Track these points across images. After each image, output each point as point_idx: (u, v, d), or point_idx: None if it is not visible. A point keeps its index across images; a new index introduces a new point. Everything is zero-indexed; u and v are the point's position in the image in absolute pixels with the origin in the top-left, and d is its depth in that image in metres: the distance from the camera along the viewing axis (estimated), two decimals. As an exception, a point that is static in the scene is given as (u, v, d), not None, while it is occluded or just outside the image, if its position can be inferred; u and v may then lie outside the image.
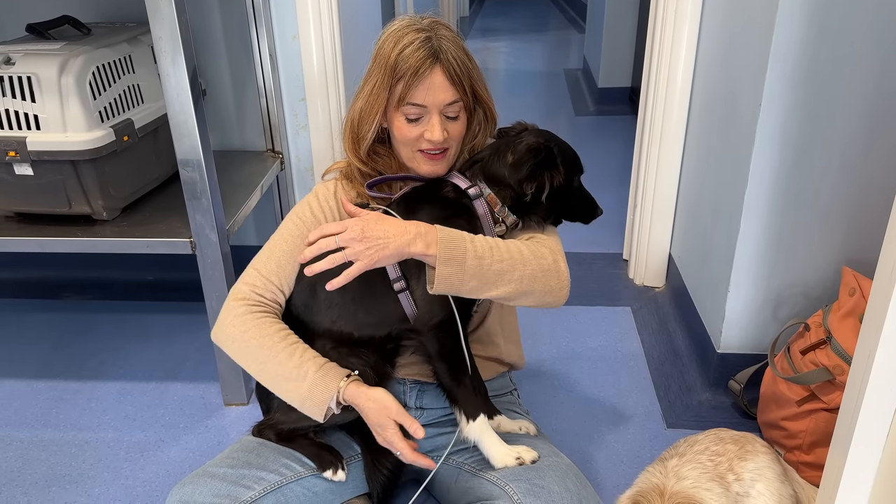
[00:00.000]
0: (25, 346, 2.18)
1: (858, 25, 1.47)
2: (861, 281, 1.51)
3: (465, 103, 1.28)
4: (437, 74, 1.23)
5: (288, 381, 1.25)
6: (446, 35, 1.26)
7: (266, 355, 1.26)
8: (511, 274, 1.20)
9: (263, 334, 1.27)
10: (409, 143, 1.30)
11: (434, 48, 1.23)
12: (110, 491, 1.63)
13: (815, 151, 1.60)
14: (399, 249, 1.16)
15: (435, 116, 1.26)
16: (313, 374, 1.23)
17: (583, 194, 1.39)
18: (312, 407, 1.23)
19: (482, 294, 1.20)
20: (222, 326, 1.32)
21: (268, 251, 1.35)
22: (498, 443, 1.28)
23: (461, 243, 1.18)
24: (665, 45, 2.14)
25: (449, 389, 1.28)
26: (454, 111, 1.27)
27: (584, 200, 1.40)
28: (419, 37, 1.24)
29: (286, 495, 1.27)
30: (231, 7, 2.11)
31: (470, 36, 7.44)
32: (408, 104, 1.25)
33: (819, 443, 1.52)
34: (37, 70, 1.64)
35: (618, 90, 4.61)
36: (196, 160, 1.62)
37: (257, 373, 1.29)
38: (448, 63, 1.24)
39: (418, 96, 1.24)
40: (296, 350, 1.26)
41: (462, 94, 1.27)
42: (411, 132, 1.28)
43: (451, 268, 1.16)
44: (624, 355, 2.09)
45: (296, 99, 2.22)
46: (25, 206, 1.81)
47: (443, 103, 1.25)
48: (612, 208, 2.97)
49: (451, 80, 1.24)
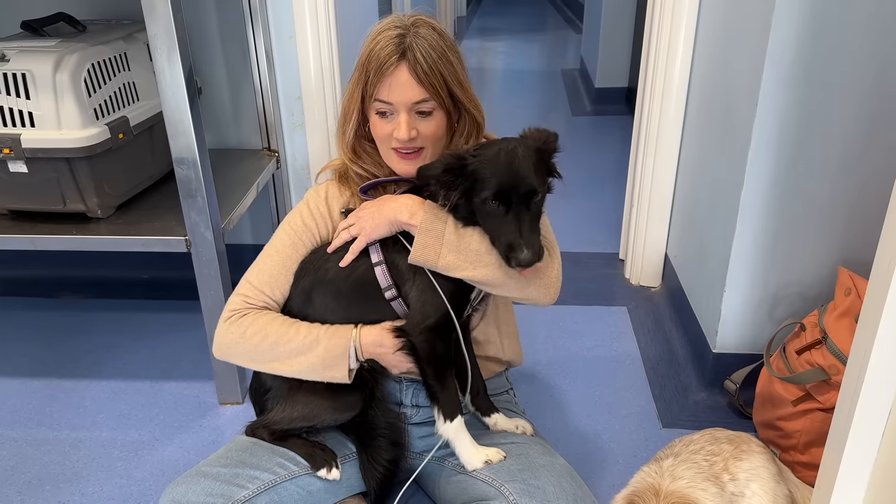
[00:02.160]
0: (19, 345, 2.17)
1: (855, 26, 1.47)
2: (857, 281, 1.51)
3: (439, 103, 1.27)
4: (402, 72, 1.23)
5: (301, 355, 1.27)
6: (424, 34, 1.24)
7: (273, 341, 1.28)
8: (489, 256, 1.20)
9: (263, 325, 1.29)
10: (382, 140, 1.31)
11: (403, 45, 1.23)
12: (104, 490, 1.62)
13: (812, 151, 1.60)
14: (389, 217, 1.24)
15: (402, 114, 1.26)
16: (324, 335, 1.27)
17: (500, 222, 1.17)
18: (334, 364, 1.26)
19: (460, 272, 1.21)
20: (220, 338, 1.33)
21: (260, 262, 1.37)
22: (470, 444, 1.30)
23: (443, 217, 1.21)
24: (662, 44, 2.14)
25: (432, 390, 1.29)
26: (427, 108, 1.26)
27: (502, 229, 1.17)
28: (393, 33, 1.24)
29: (280, 494, 1.26)
30: (227, 5, 2.11)
31: (467, 35, 7.43)
32: (375, 100, 1.26)
33: (814, 443, 1.52)
34: (31, 67, 1.64)
35: (615, 90, 4.61)
36: (191, 158, 1.61)
37: (270, 361, 1.30)
38: (414, 61, 1.22)
39: (383, 93, 1.25)
40: (298, 326, 1.29)
41: (433, 94, 1.25)
42: (383, 129, 1.29)
43: (429, 237, 1.20)
44: (620, 355, 2.08)
45: (292, 98, 2.21)
46: (20, 203, 1.80)
47: (409, 101, 1.25)
48: (608, 208, 2.99)
49: (417, 79, 1.23)
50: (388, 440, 1.39)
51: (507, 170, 1.16)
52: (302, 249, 1.35)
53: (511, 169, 1.16)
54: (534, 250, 1.14)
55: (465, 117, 1.33)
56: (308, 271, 1.33)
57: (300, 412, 1.32)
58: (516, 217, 1.16)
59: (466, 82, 1.30)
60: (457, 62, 1.27)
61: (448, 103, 1.28)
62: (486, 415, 1.42)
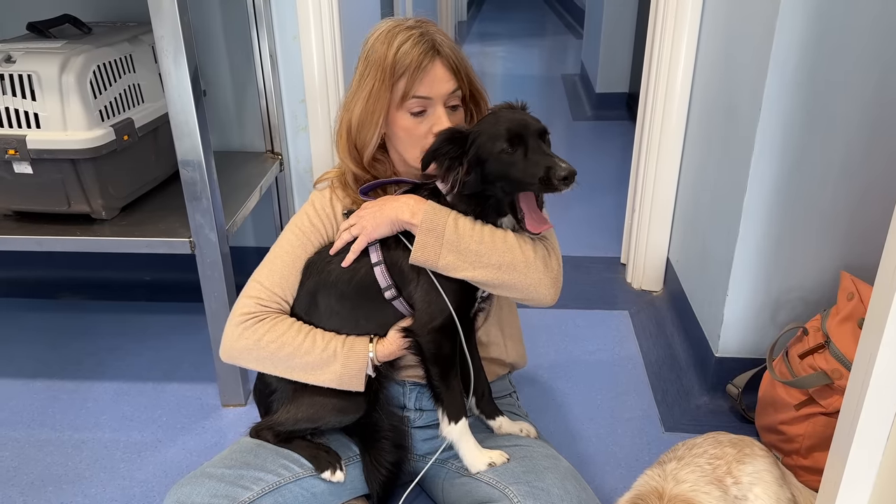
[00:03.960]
0: (22, 346, 2.17)
1: (859, 31, 1.48)
2: (859, 286, 1.51)
3: (465, 93, 1.32)
4: (438, 67, 1.27)
5: (318, 368, 1.28)
6: (436, 30, 1.30)
7: (289, 353, 1.28)
8: (489, 257, 1.21)
9: (279, 334, 1.29)
10: (416, 140, 1.29)
11: (431, 42, 1.27)
12: (107, 491, 1.62)
13: (814, 156, 1.60)
14: (391, 217, 1.25)
15: (440, 108, 1.28)
16: (342, 351, 1.27)
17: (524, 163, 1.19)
18: (351, 380, 1.28)
19: (460, 273, 1.22)
20: (231, 342, 1.33)
21: (269, 263, 1.36)
22: (474, 446, 1.30)
23: (444, 217, 1.22)
24: (665, 49, 2.14)
25: (437, 391, 1.30)
26: (455, 100, 1.30)
27: (529, 165, 1.18)
28: (413, 33, 1.26)
29: (284, 496, 1.26)
30: (231, 7, 2.11)
31: (468, 41, 7.44)
32: (413, 98, 1.27)
33: (817, 447, 1.53)
34: (37, 68, 1.64)
35: (615, 95, 4.62)
36: (196, 160, 1.62)
37: (285, 371, 1.31)
38: (447, 55, 1.28)
39: (423, 89, 1.27)
40: (315, 337, 1.29)
41: (461, 83, 1.30)
42: (418, 128, 1.29)
43: (429, 237, 1.21)
44: (622, 359, 2.09)
45: (296, 100, 2.22)
46: (24, 204, 1.80)
47: (446, 93, 1.28)
48: (609, 212, 2.99)
49: (451, 71, 1.28)
50: (391, 443, 1.39)
51: (512, 119, 1.21)
52: (310, 249, 1.36)
53: (516, 117, 1.22)
54: (569, 165, 1.16)
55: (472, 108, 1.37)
56: (312, 272, 1.34)
57: (305, 413, 1.32)
58: (538, 150, 1.18)
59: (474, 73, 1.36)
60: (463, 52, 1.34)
61: (468, 93, 1.34)
62: (491, 418, 1.42)
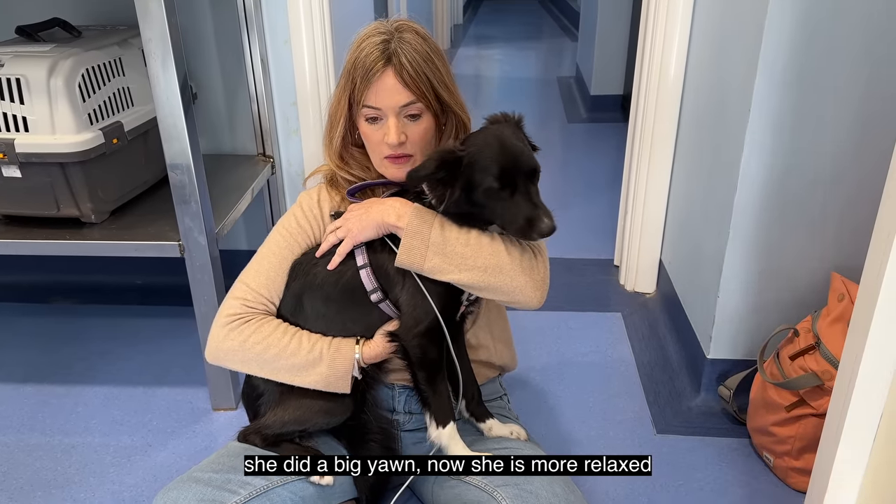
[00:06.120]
0: (12, 350, 2.16)
1: (848, 31, 1.48)
2: (850, 286, 1.51)
3: (426, 105, 1.28)
4: (388, 77, 1.24)
5: (304, 370, 1.27)
6: (409, 38, 1.26)
7: (275, 354, 1.28)
8: (475, 260, 1.20)
9: (265, 336, 1.29)
10: (375, 147, 1.31)
11: (388, 51, 1.24)
12: (96, 496, 1.62)
13: (804, 158, 1.60)
14: (377, 220, 1.24)
15: (391, 119, 1.27)
16: (328, 353, 1.27)
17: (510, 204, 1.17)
18: (337, 382, 1.27)
19: (445, 276, 1.21)
20: (217, 343, 1.32)
21: (256, 264, 1.36)
22: (462, 450, 1.30)
23: (429, 220, 1.21)
24: (656, 52, 2.15)
25: (424, 395, 1.29)
26: (415, 111, 1.27)
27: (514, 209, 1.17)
28: (377, 39, 1.25)
29: (272, 500, 1.25)
30: (223, 10, 2.11)
31: (463, 43, 7.45)
32: (364, 106, 1.27)
33: (808, 448, 1.52)
34: (26, 72, 1.64)
35: (610, 97, 4.63)
36: (185, 164, 1.61)
37: (271, 373, 1.30)
38: (400, 66, 1.24)
39: (371, 98, 1.26)
40: (300, 338, 1.29)
41: (419, 97, 1.26)
42: (374, 135, 1.29)
43: (415, 240, 1.20)
44: (614, 361, 2.08)
45: (287, 103, 2.21)
46: (13, 208, 1.80)
47: (397, 105, 1.26)
48: (603, 214, 2.99)
49: (403, 83, 1.24)
50: (380, 446, 1.39)
51: (505, 152, 1.17)
52: (297, 250, 1.36)
53: (508, 151, 1.17)
54: (551, 218, 1.15)
55: (451, 119, 1.34)
56: (298, 274, 1.33)
57: (292, 416, 1.31)
58: (525, 194, 1.16)
59: (452, 85, 1.32)
60: (441, 65, 1.29)
61: (435, 106, 1.29)
62: (481, 420, 1.42)
